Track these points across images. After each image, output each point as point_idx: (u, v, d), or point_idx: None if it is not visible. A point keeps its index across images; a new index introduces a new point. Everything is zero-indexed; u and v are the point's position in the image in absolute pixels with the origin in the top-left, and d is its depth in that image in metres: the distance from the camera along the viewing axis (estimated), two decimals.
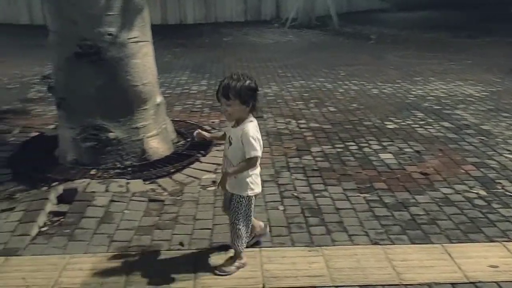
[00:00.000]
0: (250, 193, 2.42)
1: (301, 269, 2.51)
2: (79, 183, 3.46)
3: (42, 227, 2.99)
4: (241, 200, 2.42)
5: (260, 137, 2.36)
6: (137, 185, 3.55)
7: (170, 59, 9.44)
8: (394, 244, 2.77)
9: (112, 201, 3.28)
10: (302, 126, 5.07)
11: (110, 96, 3.70)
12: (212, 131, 4.79)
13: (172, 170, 3.83)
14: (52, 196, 3.28)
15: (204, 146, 4.29)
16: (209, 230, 2.95)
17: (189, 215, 3.15)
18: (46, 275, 2.47)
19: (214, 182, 3.65)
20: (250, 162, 2.32)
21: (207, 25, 15.33)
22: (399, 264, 2.55)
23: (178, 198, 3.41)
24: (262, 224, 2.77)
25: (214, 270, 2.50)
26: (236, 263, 2.51)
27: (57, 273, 2.49)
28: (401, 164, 3.99)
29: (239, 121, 2.37)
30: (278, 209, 3.21)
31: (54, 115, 5.42)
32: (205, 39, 12.76)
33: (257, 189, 2.47)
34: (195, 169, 3.92)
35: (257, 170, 2.44)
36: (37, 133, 4.72)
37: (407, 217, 3.09)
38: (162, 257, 2.66)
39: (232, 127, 2.40)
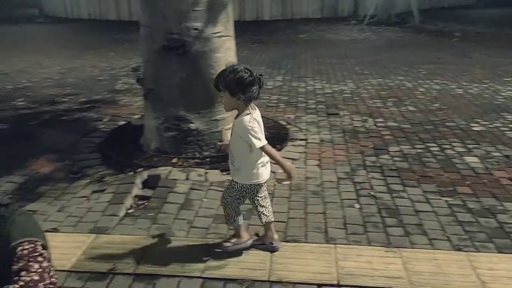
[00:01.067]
0: (250, 182, 2.50)
1: (377, 269, 2.46)
2: (162, 170, 3.65)
3: (129, 209, 3.20)
4: (235, 185, 2.54)
5: (259, 125, 2.41)
6: (215, 175, 3.67)
7: (247, 54, 9.60)
8: (479, 251, 2.62)
9: (192, 189, 3.43)
10: (379, 124, 4.94)
11: (193, 88, 3.85)
12: (288, 126, 4.83)
13: None
14: (138, 181, 3.49)
15: (280, 140, 4.34)
16: (284, 223, 2.98)
17: None
18: (133, 254, 2.64)
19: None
20: (265, 150, 2.42)
21: (283, 22, 15.39)
22: (484, 273, 2.41)
23: None
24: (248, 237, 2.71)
25: (214, 248, 2.65)
26: (233, 240, 2.66)
27: (142, 252, 2.65)
28: (488, 168, 3.75)
29: (238, 113, 2.44)
30: (354, 207, 3.17)
31: (140, 106, 5.76)
32: (281, 35, 12.82)
33: (260, 178, 2.52)
34: (270, 162, 3.96)
35: (262, 159, 2.50)
36: (124, 122, 5.04)
37: (494, 225, 2.91)
38: None
39: (235, 118, 2.48)
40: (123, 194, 3.32)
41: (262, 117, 5.06)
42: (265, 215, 2.61)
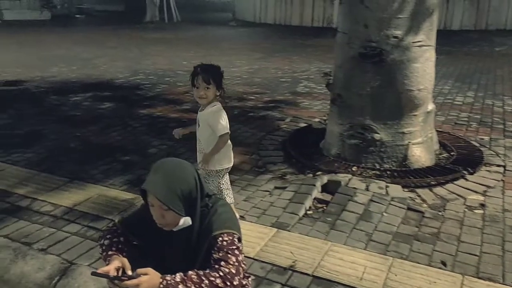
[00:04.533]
0: (218, 167, 2.78)
1: None
2: (342, 177, 3.62)
3: (308, 210, 3.26)
4: (210, 173, 2.81)
5: (225, 116, 2.72)
6: (396, 190, 3.50)
7: None
8: None
9: (371, 200, 3.32)
10: None
11: (383, 98, 3.74)
12: (481, 149, 4.34)
13: (433, 183, 3.63)
14: (318, 184, 3.53)
15: (473, 163, 3.91)
16: (476, 257, 2.66)
17: (452, 235, 2.92)
18: (311, 255, 2.67)
19: (482, 205, 3.29)
20: (222, 139, 2.69)
21: (475, 33, 14.02)
22: None
23: (440, 213, 3.21)
24: None
25: None
26: None
27: (320, 256, 2.66)
28: None
29: (207, 105, 2.70)
30: None
31: (319, 110, 5.89)
32: (473, 47, 11.68)
33: (226, 164, 2.81)
34: (460, 186, 3.61)
35: (226, 146, 2.76)
36: (304, 124, 5.18)
37: None
38: (421, 271, 2.53)
39: (200, 111, 2.75)
40: (303, 194, 3.40)
41: (450, 134, 4.71)
42: (230, 197, 2.90)
